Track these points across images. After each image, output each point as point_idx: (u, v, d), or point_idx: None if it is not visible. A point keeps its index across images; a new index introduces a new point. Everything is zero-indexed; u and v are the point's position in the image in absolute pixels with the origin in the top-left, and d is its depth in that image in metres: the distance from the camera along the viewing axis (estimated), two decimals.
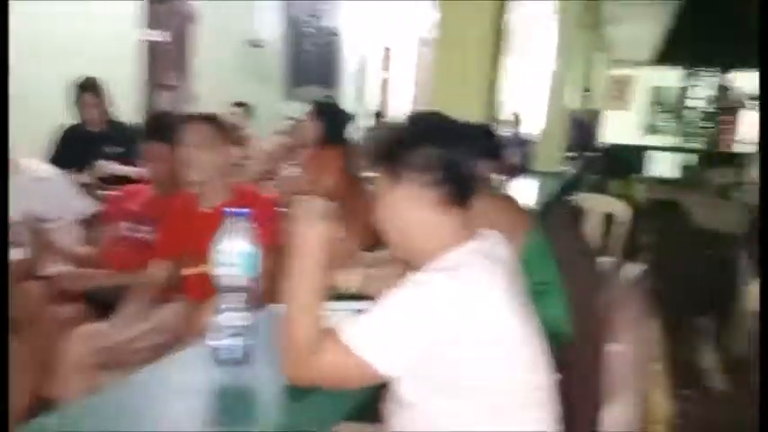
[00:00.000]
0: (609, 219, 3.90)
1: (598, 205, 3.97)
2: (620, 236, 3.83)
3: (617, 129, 11.22)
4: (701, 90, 11.97)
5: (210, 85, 5.20)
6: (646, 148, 12.59)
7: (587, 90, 7.62)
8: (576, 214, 3.33)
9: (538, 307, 1.93)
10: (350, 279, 1.47)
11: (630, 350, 1.41)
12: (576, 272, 2.09)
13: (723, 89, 11.64)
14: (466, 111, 2.29)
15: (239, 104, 4.69)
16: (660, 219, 7.23)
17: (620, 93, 13.61)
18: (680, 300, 4.18)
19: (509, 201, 1.96)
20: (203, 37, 5.23)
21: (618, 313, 1.45)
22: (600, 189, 7.04)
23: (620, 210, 3.89)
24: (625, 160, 10.42)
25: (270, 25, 6.21)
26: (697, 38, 9.58)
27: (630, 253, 4.32)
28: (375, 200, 1.11)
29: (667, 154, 12.39)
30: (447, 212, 1.08)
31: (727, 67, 11.30)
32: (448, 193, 1.06)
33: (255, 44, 5.86)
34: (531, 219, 1.94)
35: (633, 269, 1.36)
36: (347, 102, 7.68)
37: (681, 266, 5.09)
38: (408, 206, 1.07)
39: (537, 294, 1.95)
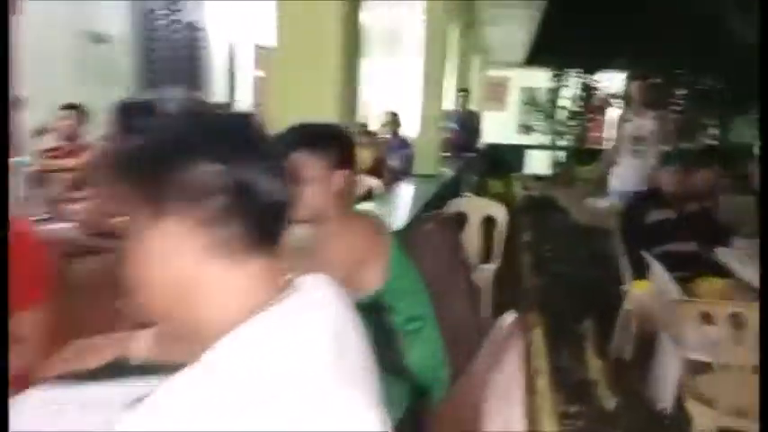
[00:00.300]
0: (489, 221, 3.77)
1: (477, 208, 3.85)
2: (500, 239, 3.71)
3: (494, 129, 11.52)
4: (570, 90, 12.63)
5: (43, 85, 4.46)
6: (522, 147, 13.12)
7: (464, 91, 7.57)
8: (454, 221, 3.10)
9: (411, 350, 1.62)
10: (137, 345, 1.04)
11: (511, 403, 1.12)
12: (450, 296, 1.80)
13: (590, 89, 12.34)
14: (318, 114, 1.96)
15: (71, 107, 4.02)
16: (539, 216, 7.34)
17: (496, 93, 14.07)
18: (561, 301, 4.11)
19: (368, 220, 1.61)
20: (33, 30, 4.48)
21: (496, 359, 1.14)
22: (479, 189, 7.04)
23: (500, 212, 3.77)
24: (503, 159, 10.71)
25: (116, 18, 5.50)
26: (565, 40, 10.04)
27: (511, 255, 4.20)
28: (125, 246, 0.70)
29: (542, 152, 13.00)
30: (241, 261, 0.67)
31: (593, 68, 12.00)
32: (240, 234, 0.67)
33: (98, 39, 5.14)
34: (397, 241, 1.60)
35: (510, 317, 1.07)
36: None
37: (561, 265, 5.08)
38: (177, 255, 0.66)
39: (408, 334, 1.63)
